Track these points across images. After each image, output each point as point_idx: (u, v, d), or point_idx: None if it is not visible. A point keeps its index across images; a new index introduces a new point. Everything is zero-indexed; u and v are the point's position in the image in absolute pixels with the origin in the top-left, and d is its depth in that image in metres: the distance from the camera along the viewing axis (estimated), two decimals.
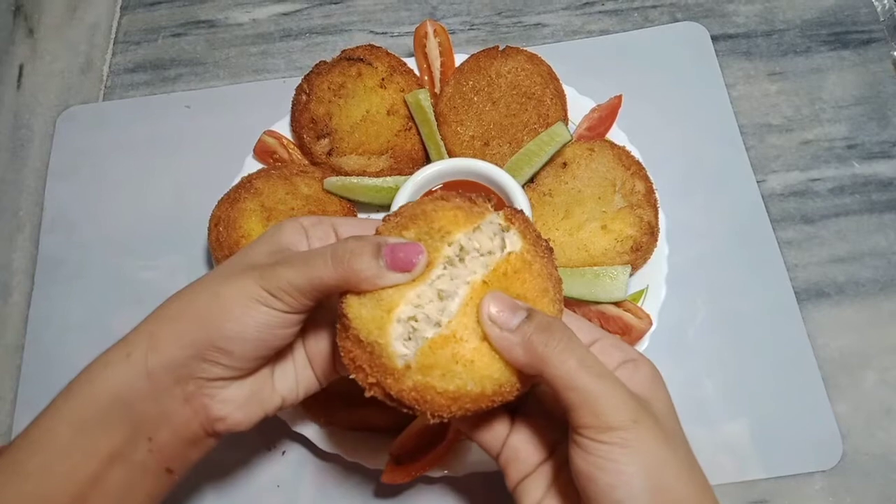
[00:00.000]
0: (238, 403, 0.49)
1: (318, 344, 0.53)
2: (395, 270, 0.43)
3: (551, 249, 0.47)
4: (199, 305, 0.48)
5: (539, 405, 0.49)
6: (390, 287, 0.44)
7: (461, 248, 0.45)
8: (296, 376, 0.53)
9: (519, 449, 0.47)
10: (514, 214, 0.47)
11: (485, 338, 0.42)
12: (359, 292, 0.44)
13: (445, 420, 0.42)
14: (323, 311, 0.51)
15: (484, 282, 0.44)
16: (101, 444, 0.46)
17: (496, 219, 0.47)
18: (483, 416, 0.47)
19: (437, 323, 0.43)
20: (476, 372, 0.42)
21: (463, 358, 0.42)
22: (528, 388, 0.44)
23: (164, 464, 0.49)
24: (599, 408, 0.39)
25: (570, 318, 0.47)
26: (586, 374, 0.40)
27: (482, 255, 0.45)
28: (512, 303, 0.42)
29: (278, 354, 0.52)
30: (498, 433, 0.47)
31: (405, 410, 0.43)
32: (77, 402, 0.47)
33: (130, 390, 0.47)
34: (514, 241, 0.46)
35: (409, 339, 0.43)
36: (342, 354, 0.44)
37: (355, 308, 0.44)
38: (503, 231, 0.46)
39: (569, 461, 0.42)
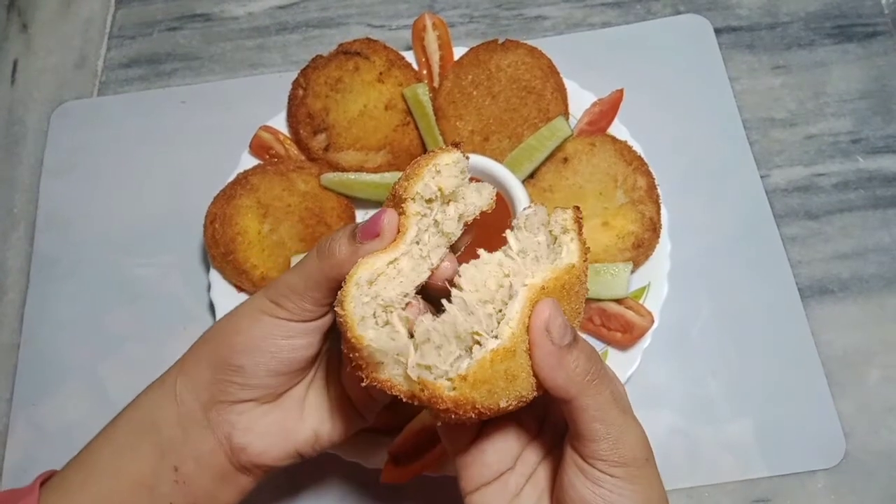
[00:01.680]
0: (260, 432, 0.49)
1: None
2: (366, 239, 0.44)
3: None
4: (219, 327, 0.50)
5: (512, 413, 0.47)
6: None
7: (429, 200, 0.45)
8: (330, 409, 0.51)
9: (486, 452, 0.45)
10: (581, 219, 0.46)
11: (528, 350, 0.40)
12: None
13: (452, 421, 0.40)
14: None
15: (543, 287, 0.41)
16: (130, 468, 0.47)
17: (561, 214, 0.45)
18: None
19: (494, 327, 0.41)
20: (514, 389, 0.40)
21: (511, 375, 0.39)
22: None
23: (192, 499, 0.48)
24: (621, 443, 0.40)
25: None
26: (615, 408, 0.40)
27: (532, 236, 0.44)
28: (565, 319, 0.41)
29: (309, 385, 0.52)
30: (469, 432, 0.46)
31: (414, 402, 0.41)
32: (118, 427, 0.50)
33: (160, 415, 0.48)
34: (572, 251, 0.44)
35: (389, 309, 0.42)
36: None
37: (341, 294, 0.43)
38: (564, 232, 0.45)
39: (563, 486, 0.42)
